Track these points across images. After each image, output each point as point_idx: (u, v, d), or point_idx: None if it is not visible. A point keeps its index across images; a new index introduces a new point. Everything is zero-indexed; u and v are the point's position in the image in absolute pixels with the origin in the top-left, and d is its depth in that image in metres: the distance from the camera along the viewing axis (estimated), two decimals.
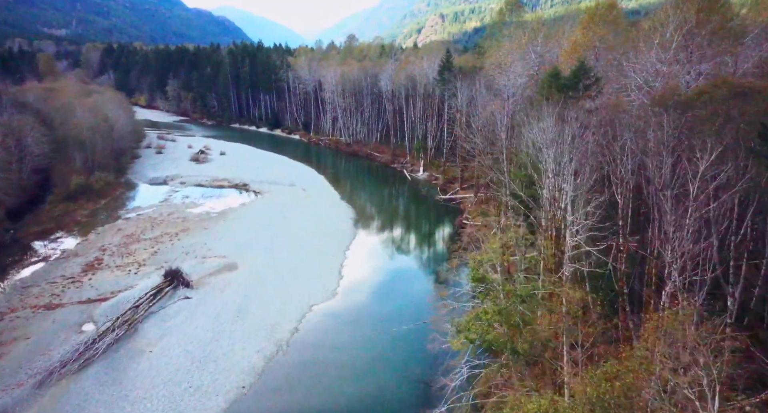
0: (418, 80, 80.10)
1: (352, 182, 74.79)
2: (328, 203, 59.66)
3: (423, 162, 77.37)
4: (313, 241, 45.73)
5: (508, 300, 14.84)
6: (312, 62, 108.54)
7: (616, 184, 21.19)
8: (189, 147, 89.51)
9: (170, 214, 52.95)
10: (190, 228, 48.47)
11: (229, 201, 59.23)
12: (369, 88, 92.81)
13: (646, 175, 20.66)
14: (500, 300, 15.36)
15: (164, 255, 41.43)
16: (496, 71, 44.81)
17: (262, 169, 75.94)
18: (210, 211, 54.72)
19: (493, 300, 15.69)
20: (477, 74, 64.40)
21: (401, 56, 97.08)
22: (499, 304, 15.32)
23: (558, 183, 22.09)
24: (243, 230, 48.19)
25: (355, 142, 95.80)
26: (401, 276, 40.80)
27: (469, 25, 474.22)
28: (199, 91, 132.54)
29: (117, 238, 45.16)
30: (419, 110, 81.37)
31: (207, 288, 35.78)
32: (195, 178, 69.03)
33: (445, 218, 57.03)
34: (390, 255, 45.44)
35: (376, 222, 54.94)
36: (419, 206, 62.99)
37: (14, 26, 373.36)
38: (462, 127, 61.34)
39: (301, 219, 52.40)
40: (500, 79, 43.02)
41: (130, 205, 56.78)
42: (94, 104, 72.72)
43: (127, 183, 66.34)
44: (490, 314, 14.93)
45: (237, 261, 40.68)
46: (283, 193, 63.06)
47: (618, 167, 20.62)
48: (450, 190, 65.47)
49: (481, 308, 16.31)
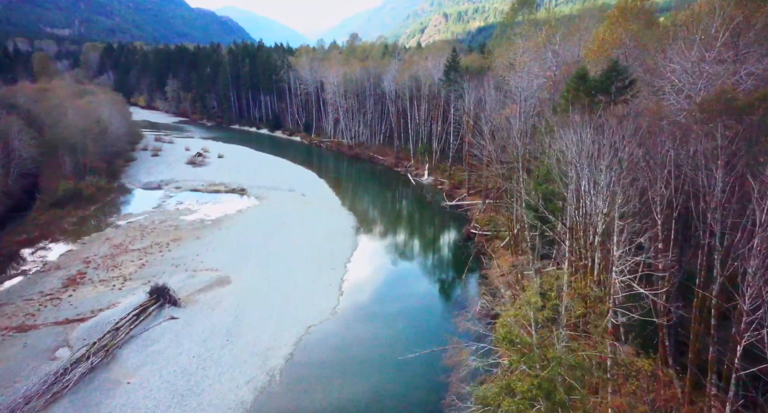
0: (422, 81, 77.30)
1: (354, 187, 72.00)
2: (329, 210, 56.86)
3: (428, 165, 74.54)
4: (312, 252, 42.95)
5: (550, 370, 11.82)
6: (313, 62, 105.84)
7: (657, 207, 18.18)
8: (186, 149, 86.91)
9: (162, 222, 50.24)
10: (182, 238, 45.73)
11: (225, 207, 56.50)
12: (372, 88, 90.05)
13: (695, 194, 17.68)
14: (537, 368, 12.30)
15: (153, 268, 38.70)
16: (508, 72, 41.91)
17: (261, 172, 73.26)
18: (204, 219, 51.99)
19: (528, 365, 12.70)
20: (485, 74, 61.55)
21: (405, 56, 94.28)
22: (536, 372, 12.20)
23: (593, 204, 19.00)
24: (238, 240, 45.44)
25: (357, 145, 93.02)
26: (407, 292, 37.91)
27: (473, 25, 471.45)
28: (199, 92, 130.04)
29: (104, 249, 42.43)
30: (424, 112, 78.57)
31: (196, 306, 33.00)
32: (191, 182, 66.33)
33: (451, 226, 54.20)
34: (394, 268, 42.51)
35: (379, 231, 52.07)
36: (424, 213, 60.15)
37: (17, 25, 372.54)
38: (469, 129, 58.51)
39: (300, 227, 49.65)
40: (513, 80, 40.14)
41: (122, 211, 54.09)
42: (86, 105, 70.14)
43: (120, 187, 63.67)
44: (527, 387, 11.76)
45: (230, 275, 37.92)
46: (281, 199, 60.33)
47: (660, 185, 17.66)
48: (456, 195, 62.60)
49: (514, 375, 13.18)
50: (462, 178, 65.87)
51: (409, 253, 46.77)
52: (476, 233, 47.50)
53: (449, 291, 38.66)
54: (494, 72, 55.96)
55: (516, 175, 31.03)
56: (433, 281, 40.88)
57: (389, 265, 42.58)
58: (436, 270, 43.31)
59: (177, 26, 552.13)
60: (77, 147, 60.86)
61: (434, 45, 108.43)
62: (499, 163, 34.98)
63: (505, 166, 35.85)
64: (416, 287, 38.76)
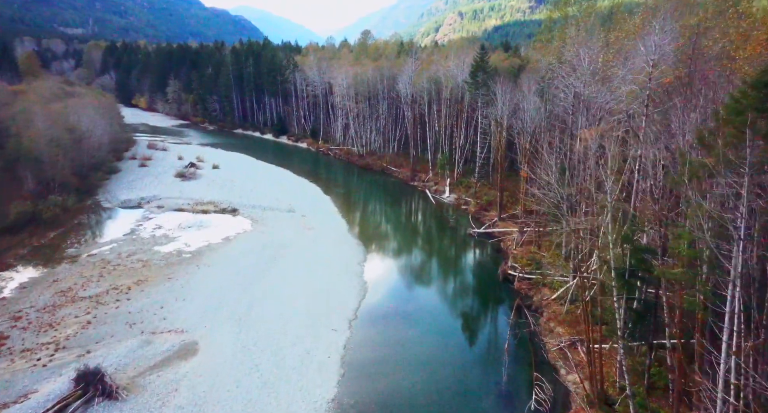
0: (443, 83, 67.67)
1: (364, 206, 62.56)
2: (333, 238, 47.59)
3: (449, 180, 64.89)
4: (308, 303, 33.72)
5: None
6: (321, 61, 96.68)
7: None
8: (179, 158, 78.34)
9: (131, 255, 41.37)
10: (149, 279, 36.77)
11: (210, 234, 47.53)
12: (385, 91, 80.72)
13: None
14: None
15: (100, 327, 29.76)
16: (568, 74, 32.16)
17: (259, 187, 64.31)
18: (183, 250, 43.04)
19: None
20: (521, 76, 51.92)
21: (422, 55, 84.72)
22: None
23: None
24: (217, 282, 36.37)
25: (368, 153, 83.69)
26: (429, 370, 27.99)
27: (488, 23, 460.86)
28: (200, 94, 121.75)
29: (46, 296, 33.62)
30: (445, 118, 68.95)
31: (141, 396, 23.89)
32: (176, 200, 57.52)
33: (483, 262, 44.57)
34: (411, 329, 32.52)
35: (393, 270, 42.35)
36: (447, 242, 50.46)
37: (30, 25, 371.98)
38: (501, 142, 48.90)
39: (296, 263, 40.49)
40: (578, 87, 30.34)
41: (85, 239, 45.34)
42: (60, 111, 61.79)
43: (93, 207, 55.05)
44: None
45: (198, 341, 28.83)
46: (278, 222, 51.26)
47: None
48: (484, 219, 52.97)
49: None
50: (490, 197, 56.19)
51: (430, 304, 36.84)
52: (516, 275, 37.81)
53: (487, 367, 28.85)
54: (535, 74, 46.22)
55: (598, 225, 21.40)
56: (462, 349, 30.89)
57: (406, 323, 32.89)
58: (466, 332, 33.12)
59: (191, 25, 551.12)
60: (43, 160, 52.45)
61: (455, 42, 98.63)
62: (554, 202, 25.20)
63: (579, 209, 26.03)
64: (441, 360, 28.90)
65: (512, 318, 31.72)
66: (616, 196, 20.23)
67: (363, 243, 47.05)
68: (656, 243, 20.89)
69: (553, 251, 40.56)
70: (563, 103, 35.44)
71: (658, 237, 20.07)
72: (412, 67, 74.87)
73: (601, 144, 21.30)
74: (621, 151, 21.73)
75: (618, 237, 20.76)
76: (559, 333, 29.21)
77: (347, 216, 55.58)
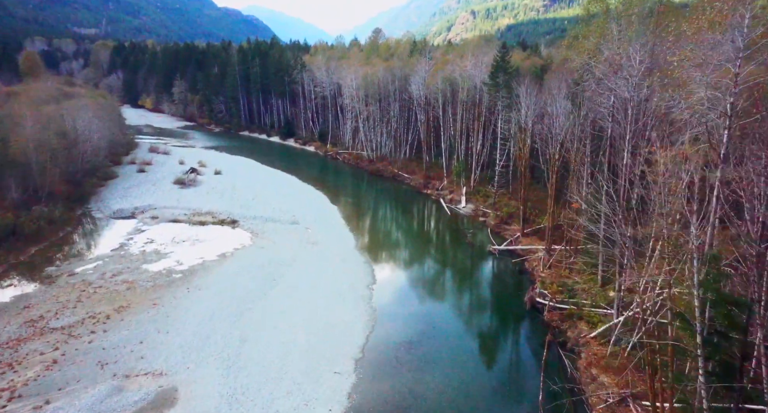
0: (459, 84, 63.07)
1: (373, 216, 58.15)
2: (339, 255, 43.28)
3: (465, 189, 60.29)
4: (308, 337, 29.46)
5: None
6: (330, 61, 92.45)
7: None
8: (180, 163, 74.73)
9: (116, 275, 37.44)
10: (132, 305, 32.78)
11: (205, 249, 43.52)
12: (397, 92, 76.28)
13: None
14: None
15: (66, 369, 25.73)
16: (613, 75, 27.41)
17: (262, 195, 60.29)
18: (174, 269, 39.04)
19: None
20: (545, 77, 47.22)
21: (436, 54, 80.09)
22: None
23: None
24: (207, 310, 32.24)
25: (379, 158, 79.33)
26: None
27: (501, 22, 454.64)
28: (205, 94, 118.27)
29: (12, 327, 29.71)
30: (460, 122, 64.35)
31: None
32: (172, 210, 53.66)
33: (506, 285, 39.95)
34: (427, 374, 27.94)
35: (404, 294, 37.80)
36: (465, 260, 45.87)
37: (43, 25, 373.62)
38: (524, 150, 44.28)
39: (297, 287, 36.26)
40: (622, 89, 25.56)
41: (69, 256, 41.49)
42: (52, 113, 58.26)
43: (83, 217, 51.35)
44: None
45: (177, 387, 24.66)
46: (280, 236, 47.12)
47: None
48: (505, 233, 48.38)
49: None
50: (511, 209, 51.53)
51: (448, 338, 32.15)
52: (545, 304, 33.14)
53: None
54: (566, 75, 41.42)
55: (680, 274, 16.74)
56: (486, 399, 26.38)
57: (420, 364, 28.34)
58: (491, 377, 28.55)
59: (203, 25, 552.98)
60: (31, 166, 48.93)
61: (471, 41, 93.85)
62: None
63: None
64: (462, 409, 24.46)
65: (544, 357, 27.06)
66: (702, 233, 15.59)
67: (372, 260, 42.73)
68: (749, 292, 16.24)
69: (587, 275, 35.88)
70: (604, 109, 30.69)
71: (755, 286, 15.43)
72: (426, 67, 70.42)
73: (670, 163, 16.70)
74: (700, 173, 17.08)
75: (699, 285, 16.12)
76: (604, 383, 24.52)
77: (355, 229, 51.28)
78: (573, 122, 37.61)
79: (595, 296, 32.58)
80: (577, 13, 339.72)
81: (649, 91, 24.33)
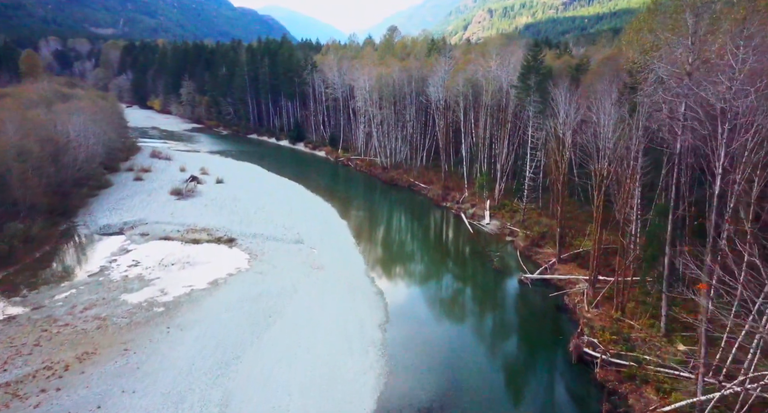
0: (483, 86, 57.02)
1: (386, 235, 52.28)
2: (347, 283, 37.65)
3: (489, 203, 54.27)
4: (306, 403, 23.81)
5: None
6: (342, 61, 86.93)
7: None
8: (181, 170, 69.94)
9: (87, 309, 32.32)
10: (98, 351, 27.56)
11: (195, 274, 38.29)
12: (413, 95, 70.46)
13: None
14: None
15: None
16: (695, 78, 21.29)
17: (265, 208, 55.01)
18: (156, 301, 33.82)
19: None
20: (581, 78, 41.14)
21: (456, 53, 74.00)
22: None
23: None
24: (187, 360, 26.85)
25: (393, 166, 73.61)
26: None
27: (519, 21, 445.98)
28: (213, 95, 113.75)
29: None
30: (483, 128, 58.30)
31: None
32: (165, 225, 48.61)
33: (544, 327, 33.74)
34: None
35: (421, 341, 31.35)
36: (492, 293, 39.63)
37: (62, 25, 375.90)
38: (562, 165, 38.18)
39: (296, 327, 30.73)
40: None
41: (40, 283, 36.51)
42: (38, 118, 53.67)
43: (65, 234, 46.43)
44: None
45: None
46: (281, 259, 41.68)
47: None
48: (538, 257, 42.25)
49: None
50: (543, 228, 45.37)
51: (474, 396, 26.18)
52: (596, 357, 27.01)
53: None
54: (616, 76, 35.30)
55: None
56: None
57: None
58: None
59: (219, 25, 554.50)
60: (10, 177, 44.25)
61: (494, 39, 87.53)
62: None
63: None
64: None
65: None
66: None
67: (383, 290, 37.02)
68: None
69: (645, 316, 29.65)
70: (671, 119, 24.55)
71: None
72: (446, 67, 64.46)
73: None
74: None
75: None
76: None
77: (366, 249, 45.69)
78: (626, 133, 31.45)
79: (659, 350, 26.43)
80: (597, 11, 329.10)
81: (756, 100, 18.22)
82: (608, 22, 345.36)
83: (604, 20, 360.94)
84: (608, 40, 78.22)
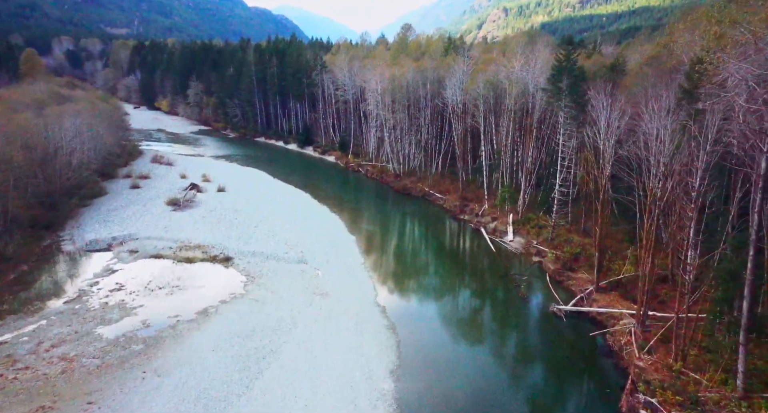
0: (506, 88, 51.99)
1: (399, 253, 47.28)
2: (355, 315, 33.00)
3: (512, 217, 49.23)
4: None
5: None
6: (353, 61, 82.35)
7: None
8: (182, 177, 65.98)
9: (55, 346, 28.13)
10: (56, 405, 23.28)
11: (184, 301, 34.00)
12: (428, 98, 65.62)
13: None
14: None
15: None
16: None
17: (267, 222, 50.60)
18: (135, 335, 29.55)
19: None
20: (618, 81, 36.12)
21: (474, 53, 68.91)
22: None
23: None
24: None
25: (407, 174, 68.89)
26: None
27: (535, 20, 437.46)
28: (220, 97, 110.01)
29: None
30: (505, 135, 53.29)
31: None
32: (157, 241, 44.45)
33: (586, 376, 28.62)
34: None
35: (443, 392, 26.54)
36: (520, 328, 34.32)
37: (78, 25, 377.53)
38: (603, 182, 33.18)
39: (293, 373, 26.15)
40: None
41: (8, 311, 32.40)
42: (25, 123, 49.88)
43: (47, 251, 42.43)
44: None
45: None
46: (281, 283, 37.22)
47: None
48: (571, 284, 37.21)
49: None
50: (575, 249, 40.27)
51: None
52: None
53: None
54: (669, 79, 30.19)
55: None
56: None
57: None
58: None
59: (234, 25, 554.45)
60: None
61: (515, 37, 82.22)
62: None
63: None
64: None
65: None
66: None
67: (395, 323, 32.32)
68: None
69: (716, 373, 24.42)
70: (752, 135, 19.52)
71: None
72: (464, 67, 59.49)
73: None
74: None
75: None
76: None
77: (375, 272, 41.00)
78: (685, 146, 26.39)
79: None
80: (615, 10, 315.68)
81: None
82: (626, 20, 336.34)
83: (622, 19, 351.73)
84: (646, 37, 72.50)
